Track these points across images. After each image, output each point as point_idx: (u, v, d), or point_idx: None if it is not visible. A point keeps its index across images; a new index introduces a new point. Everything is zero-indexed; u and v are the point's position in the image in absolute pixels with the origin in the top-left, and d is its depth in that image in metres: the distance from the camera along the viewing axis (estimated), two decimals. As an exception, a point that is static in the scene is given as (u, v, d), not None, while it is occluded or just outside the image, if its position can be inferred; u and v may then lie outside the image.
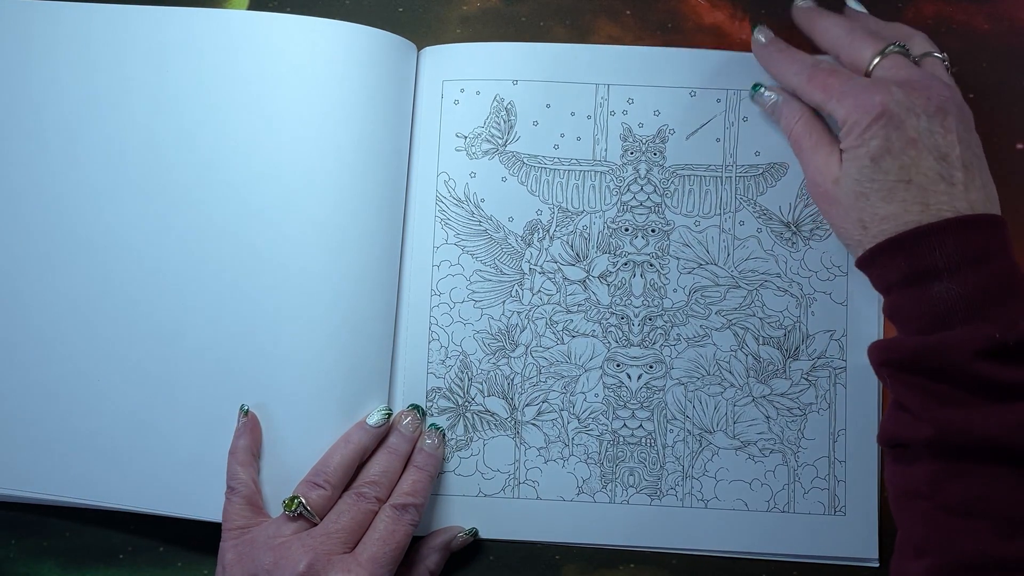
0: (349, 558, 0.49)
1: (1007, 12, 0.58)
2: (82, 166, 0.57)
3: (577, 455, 0.56)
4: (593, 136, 0.57)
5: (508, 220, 0.57)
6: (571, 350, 0.56)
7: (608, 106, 0.57)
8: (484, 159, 0.57)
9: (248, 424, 0.54)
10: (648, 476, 0.55)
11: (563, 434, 0.56)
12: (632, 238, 0.56)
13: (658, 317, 0.56)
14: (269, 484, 0.54)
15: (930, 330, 0.46)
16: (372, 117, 0.56)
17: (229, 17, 0.57)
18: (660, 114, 0.57)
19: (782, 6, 0.58)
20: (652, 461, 0.55)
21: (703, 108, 0.57)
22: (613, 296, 0.56)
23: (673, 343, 0.56)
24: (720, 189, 0.56)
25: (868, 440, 0.55)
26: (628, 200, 0.57)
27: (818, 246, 0.56)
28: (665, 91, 0.57)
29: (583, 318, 0.56)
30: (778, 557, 0.55)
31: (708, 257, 0.56)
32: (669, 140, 0.57)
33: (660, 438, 0.56)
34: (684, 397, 0.56)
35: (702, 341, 0.56)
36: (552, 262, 0.56)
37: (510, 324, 0.56)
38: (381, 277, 0.56)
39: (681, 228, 0.56)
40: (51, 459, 0.56)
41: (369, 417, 0.54)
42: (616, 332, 0.56)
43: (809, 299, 0.55)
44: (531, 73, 0.57)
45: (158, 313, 0.56)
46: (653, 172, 0.57)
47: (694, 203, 0.56)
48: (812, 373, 0.55)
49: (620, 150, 0.57)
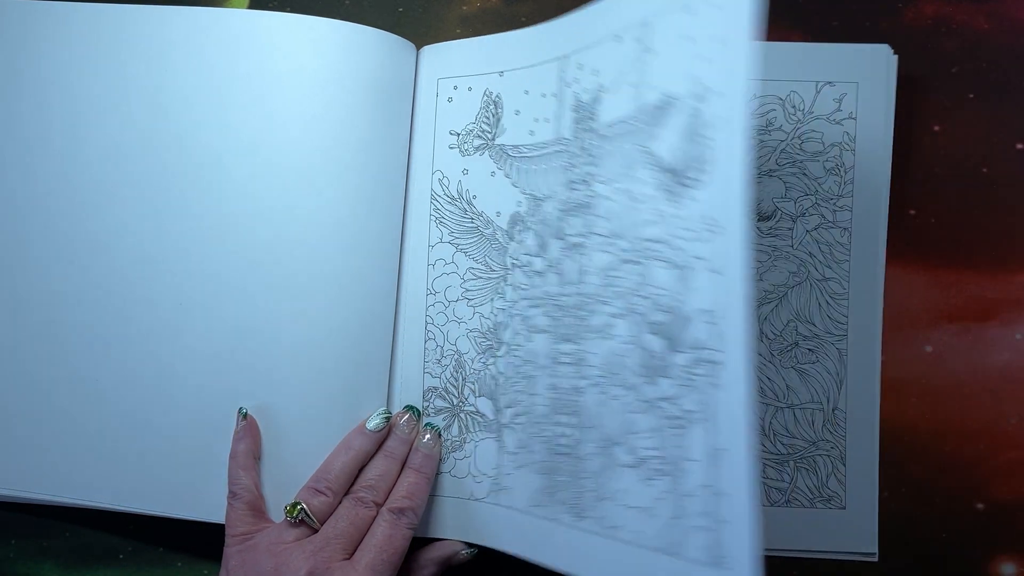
0: (348, 565, 0.49)
1: (1007, 12, 0.58)
2: (82, 165, 0.57)
3: (531, 463, 0.52)
4: (556, 115, 0.54)
5: (496, 215, 0.56)
6: (534, 348, 0.53)
7: (565, 79, 0.54)
8: (475, 155, 0.57)
9: (247, 427, 0.54)
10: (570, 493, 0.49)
11: (525, 439, 0.53)
12: (572, 218, 0.51)
13: (581, 307, 0.50)
14: (268, 486, 0.54)
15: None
16: (371, 117, 0.56)
17: (229, 17, 0.57)
18: (599, 73, 0.51)
19: (782, 6, 0.58)
20: (575, 475, 0.49)
21: (630, 55, 0.49)
22: (560, 286, 0.51)
23: (591, 336, 0.49)
24: (633, 144, 0.48)
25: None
26: (572, 177, 0.52)
27: (701, 196, 0.43)
28: (603, 48, 0.51)
29: (540, 312, 0.53)
30: (777, 552, 0.55)
31: (615, 229, 0.48)
32: (603, 101, 0.50)
33: (579, 448, 0.49)
34: (596, 401, 0.49)
35: (606, 332, 0.48)
36: (526, 255, 0.55)
37: (496, 322, 0.55)
38: (381, 276, 0.56)
39: (602, 198, 0.49)
40: (51, 460, 0.56)
41: (368, 421, 0.54)
42: (560, 325, 0.51)
43: (687, 270, 0.44)
44: (514, 61, 0.57)
45: (157, 314, 0.56)
46: (587, 141, 0.51)
47: (614, 167, 0.49)
48: (691, 369, 0.43)
49: (572, 124, 0.52)
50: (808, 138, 0.56)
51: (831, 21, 0.58)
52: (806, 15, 0.58)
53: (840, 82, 0.56)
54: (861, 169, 0.55)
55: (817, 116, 0.56)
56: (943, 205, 0.57)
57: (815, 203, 0.56)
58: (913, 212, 0.57)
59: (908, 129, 0.54)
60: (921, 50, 0.57)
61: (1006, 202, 0.56)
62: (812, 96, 0.56)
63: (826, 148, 0.56)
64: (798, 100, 0.56)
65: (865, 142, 0.56)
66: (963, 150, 0.57)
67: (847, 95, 0.56)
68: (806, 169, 0.56)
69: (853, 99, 0.56)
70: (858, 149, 0.56)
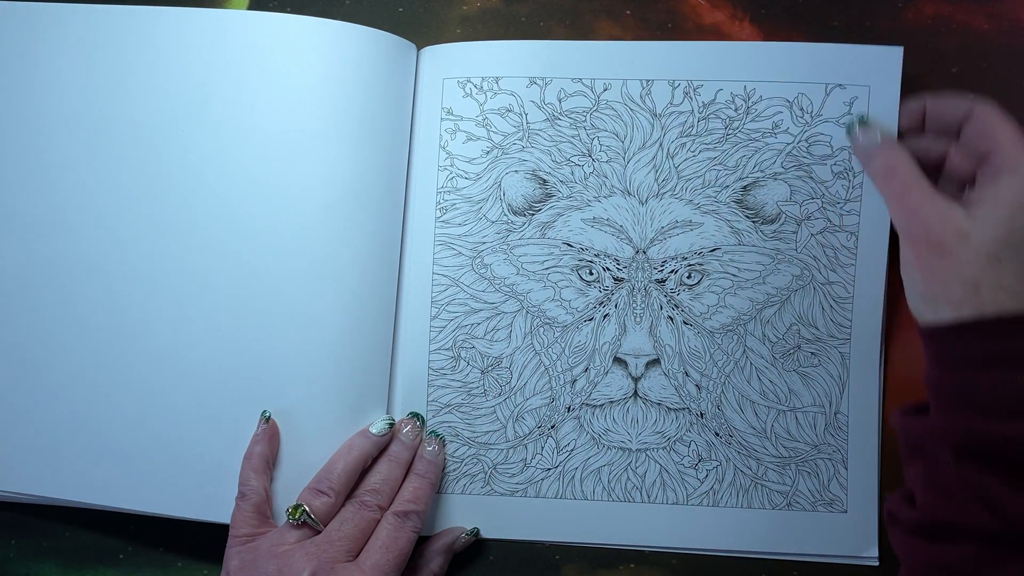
0: (352, 566, 0.50)
1: (1007, 12, 0.58)
2: (83, 169, 0.57)
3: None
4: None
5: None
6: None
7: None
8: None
9: (267, 431, 0.54)
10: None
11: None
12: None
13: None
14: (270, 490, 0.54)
15: (1008, 418, 0.43)
16: (372, 117, 0.56)
17: (229, 17, 0.57)
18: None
19: (782, 6, 0.58)
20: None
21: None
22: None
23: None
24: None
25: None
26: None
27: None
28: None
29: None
30: (777, 556, 0.56)
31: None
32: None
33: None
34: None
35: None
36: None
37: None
38: (381, 277, 0.56)
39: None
40: (53, 460, 0.56)
41: (372, 426, 0.54)
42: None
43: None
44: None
45: (158, 316, 0.56)
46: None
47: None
48: None
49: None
50: (816, 141, 0.56)
51: (831, 21, 0.58)
52: (806, 14, 0.58)
53: (851, 84, 0.55)
54: None
55: (826, 119, 0.55)
56: (942, 205, 0.57)
57: (821, 207, 0.56)
58: (913, 213, 0.57)
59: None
60: (921, 50, 0.57)
61: (1005, 202, 0.56)
62: (821, 98, 0.55)
63: (834, 152, 0.55)
64: (806, 102, 0.56)
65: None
66: (963, 150, 0.57)
67: (858, 99, 0.55)
68: (813, 172, 0.56)
69: (864, 102, 0.55)
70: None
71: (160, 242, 0.56)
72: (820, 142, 0.55)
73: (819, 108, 0.55)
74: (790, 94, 0.56)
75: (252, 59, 0.56)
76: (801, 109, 0.56)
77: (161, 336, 0.56)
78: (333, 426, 0.55)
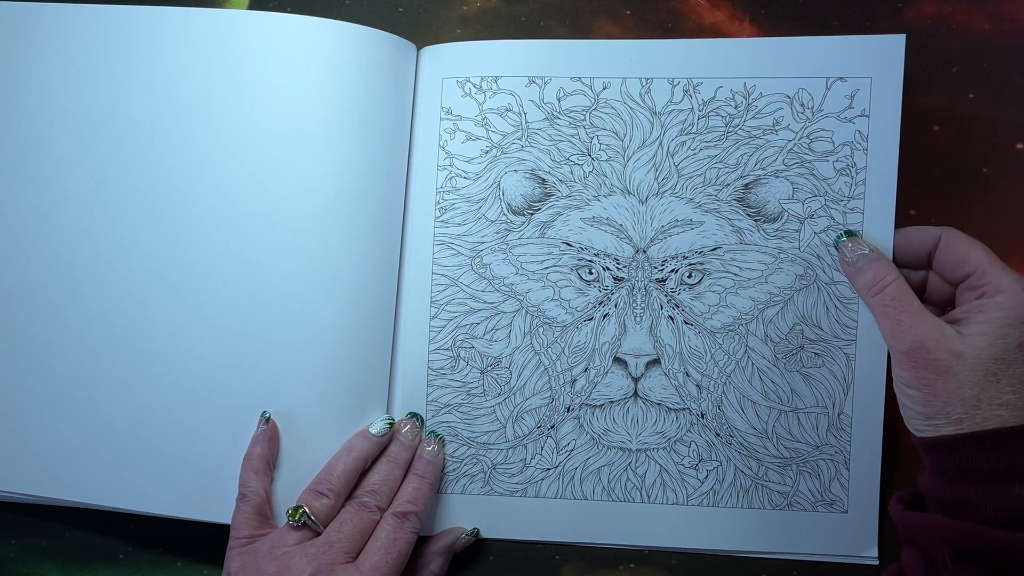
0: (352, 568, 0.50)
1: (1007, 12, 0.57)
2: (83, 169, 0.57)
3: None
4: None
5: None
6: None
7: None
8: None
9: (267, 432, 0.54)
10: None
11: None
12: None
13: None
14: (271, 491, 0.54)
15: (1009, 527, 0.44)
16: (372, 117, 0.56)
17: (229, 17, 0.57)
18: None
19: (782, 5, 0.58)
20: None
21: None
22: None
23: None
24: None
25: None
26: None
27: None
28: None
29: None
30: (778, 555, 0.55)
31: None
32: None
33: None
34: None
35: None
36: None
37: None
38: (381, 277, 0.56)
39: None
40: (52, 460, 0.56)
41: (372, 427, 0.54)
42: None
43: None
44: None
45: (157, 316, 0.56)
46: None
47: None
48: None
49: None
50: (817, 137, 0.55)
51: (831, 20, 0.58)
52: (805, 14, 0.58)
53: (852, 77, 0.55)
54: (874, 169, 0.55)
55: (827, 114, 0.55)
56: (943, 205, 0.57)
57: (824, 204, 0.55)
58: (913, 212, 0.57)
59: (908, 129, 0.54)
60: (921, 50, 0.57)
61: (1006, 202, 0.56)
62: (822, 93, 0.55)
63: (836, 148, 0.55)
64: (807, 98, 0.55)
65: (879, 141, 0.55)
66: (963, 150, 0.57)
67: (860, 91, 0.54)
68: (815, 169, 0.55)
69: (866, 95, 0.54)
70: (871, 148, 0.55)
71: (160, 242, 0.56)
72: (821, 138, 0.55)
73: (820, 103, 0.55)
74: (790, 90, 0.55)
75: (252, 59, 0.56)
76: (802, 105, 0.55)
77: (161, 336, 0.55)
78: (333, 426, 0.55)
